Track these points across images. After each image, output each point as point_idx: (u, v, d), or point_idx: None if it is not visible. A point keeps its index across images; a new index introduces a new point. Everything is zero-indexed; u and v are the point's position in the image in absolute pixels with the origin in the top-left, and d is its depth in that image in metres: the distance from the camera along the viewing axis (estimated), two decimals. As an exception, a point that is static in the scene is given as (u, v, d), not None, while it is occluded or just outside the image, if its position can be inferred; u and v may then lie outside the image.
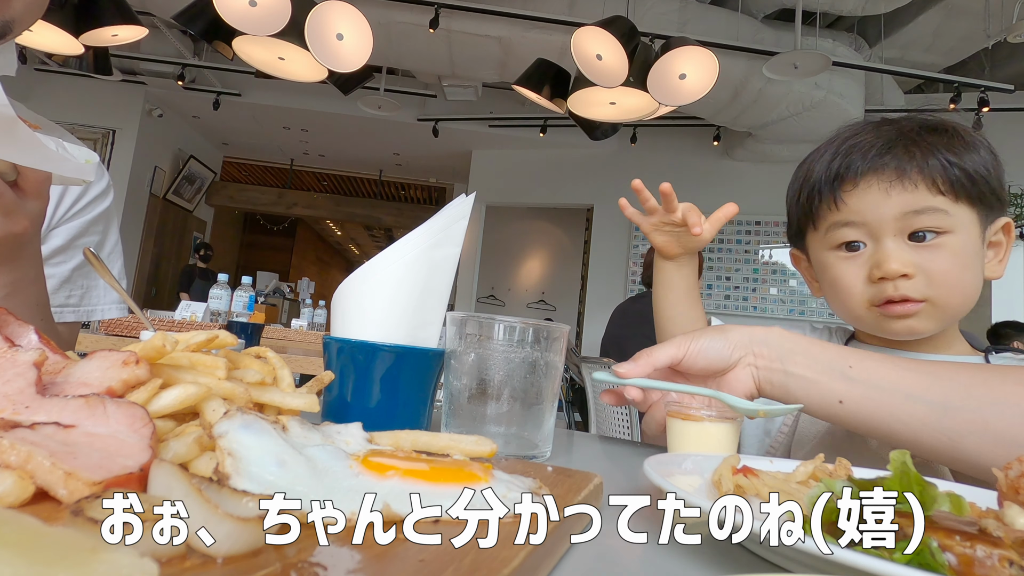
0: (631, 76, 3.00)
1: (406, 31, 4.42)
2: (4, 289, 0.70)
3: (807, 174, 0.82)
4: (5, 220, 0.62)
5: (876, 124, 0.80)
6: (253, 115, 7.01)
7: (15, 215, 0.63)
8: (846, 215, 0.77)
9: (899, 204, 0.74)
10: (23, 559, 0.18)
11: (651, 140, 6.32)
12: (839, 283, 0.80)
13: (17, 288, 0.71)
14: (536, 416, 0.59)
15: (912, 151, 0.74)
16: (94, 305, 1.01)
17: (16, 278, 0.71)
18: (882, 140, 0.76)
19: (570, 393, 3.56)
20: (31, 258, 0.73)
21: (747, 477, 0.46)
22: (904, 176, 0.74)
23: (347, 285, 0.60)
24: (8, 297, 0.71)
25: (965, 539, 0.29)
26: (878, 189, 0.75)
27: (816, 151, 0.84)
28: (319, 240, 13.61)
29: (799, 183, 0.84)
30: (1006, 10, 3.90)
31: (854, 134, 0.80)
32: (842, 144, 0.79)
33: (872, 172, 0.75)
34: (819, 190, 0.79)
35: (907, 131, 0.76)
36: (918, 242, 0.74)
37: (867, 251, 0.77)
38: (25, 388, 0.34)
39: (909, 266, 0.74)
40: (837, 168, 0.78)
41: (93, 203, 1.00)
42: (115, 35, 3.20)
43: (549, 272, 8.10)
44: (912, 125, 0.77)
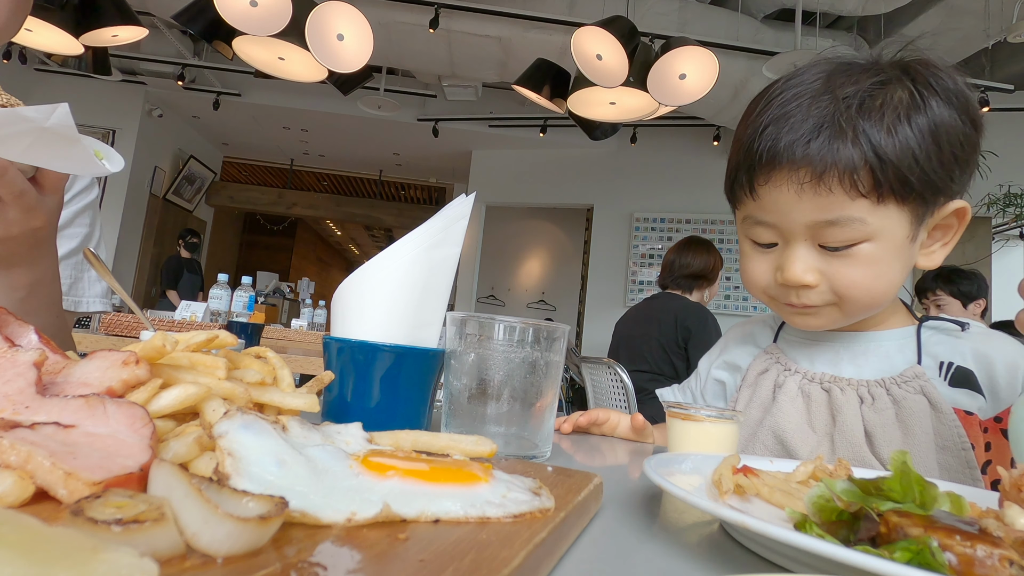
0: (631, 76, 3.00)
1: (406, 31, 4.42)
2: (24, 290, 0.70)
3: (737, 141, 0.74)
4: (25, 216, 0.63)
5: (819, 88, 0.69)
6: (253, 115, 7.01)
7: (35, 211, 0.63)
8: (759, 212, 0.72)
9: (810, 211, 0.67)
10: (23, 559, 0.18)
11: (651, 140, 6.32)
12: (747, 273, 0.78)
13: (36, 289, 0.72)
14: (536, 416, 0.59)
15: (840, 138, 0.65)
16: (80, 296, 1.01)
17: (36, 279, 0.71)
18: (812, 119, 0.66)
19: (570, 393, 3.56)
20: (49, 257, 0.73)
21: (747, 477, 0.46)
22: (820, 179, 0.65)
23: (347, 285, 0.60)
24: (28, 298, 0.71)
25: (965, 539, 0.29)
26: (788, 189, 0.67)
27: (761, 98, 0.74)
28: (319, 240, 13.61)
29: (736, 149, 0.75)
30: (1006, 10, 3.90)
31: (793, 98, 0.69)
32: (778, 110, 0.69)
33: (788, 166, 0.67)
34: (738, 172, 0.73)
35: (844, 107, 0.66)
36: (831, 251, 0.69)
37: (778, 250, 0.73)
38: (25, 388, 0.34)
39: (813, 275, 0.70)
40: (758, 149, 0.69)
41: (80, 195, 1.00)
42: (115, 35, 3.20)
43: (549, 272, 8.10)
44: (853, 95, 0.66)
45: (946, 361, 0.75)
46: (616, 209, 6.56)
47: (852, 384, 0.76)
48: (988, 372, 0.73)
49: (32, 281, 0.70)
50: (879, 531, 0.32)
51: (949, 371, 0.74)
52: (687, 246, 2.73)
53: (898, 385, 0.74)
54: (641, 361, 2.67)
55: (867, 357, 0.79)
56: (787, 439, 0.77)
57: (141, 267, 6.90)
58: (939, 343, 0.77)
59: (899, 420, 0.72)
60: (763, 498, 0.45)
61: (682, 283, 2.71)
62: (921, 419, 0.71)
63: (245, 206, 8.77)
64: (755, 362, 0.88)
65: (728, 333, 1.01)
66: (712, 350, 1.01)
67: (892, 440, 0.72)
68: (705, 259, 2.69)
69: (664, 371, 2.62)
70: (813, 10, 4.16)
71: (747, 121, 0.74)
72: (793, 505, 0.42)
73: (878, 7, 4.19)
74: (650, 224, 6.40)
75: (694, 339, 2.56)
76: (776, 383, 0.82)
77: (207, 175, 7.95)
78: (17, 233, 0.63)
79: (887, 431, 0.72)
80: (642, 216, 6.43)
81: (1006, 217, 5.14)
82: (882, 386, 0.75)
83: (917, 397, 0.72)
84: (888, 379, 0.75)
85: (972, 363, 0.74)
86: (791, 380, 0.81)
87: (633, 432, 0.90)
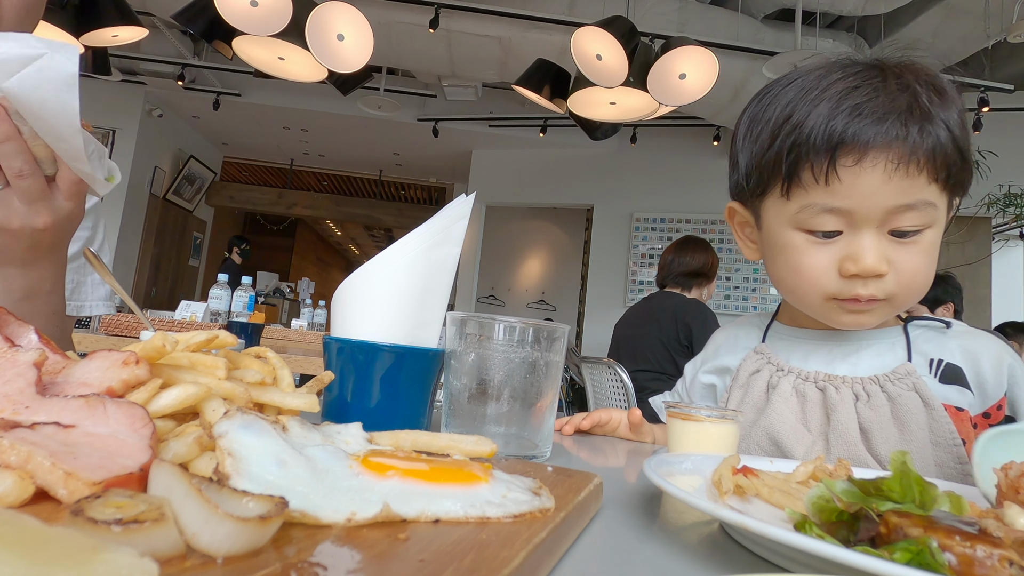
0: (631, 76, 3.00)
1: (406, 31, 4.42)
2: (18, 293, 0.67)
3: (796, 125, 0.68)
4: (27, 210, 0.59)
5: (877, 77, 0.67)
6: (253, 115, 7.00)
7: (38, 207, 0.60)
8: (833, 198, 0.67)
9: (894, 194, 0.65)
10: (23, 559, 0.18)
11: (651, 140, 6.32)
12: (802, 270, 0.72)
13: (31, 295, 0.68)
14: (536, 416, 0.59)
15: (928, 121, 0.64)
16: (83, 300, 1.00)
17: (31, 285, 0.68)
18: (890, 100, 0.65)
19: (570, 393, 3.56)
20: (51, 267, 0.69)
21: (747, 477, 0.46)
22: (912, 158, 0.64)
23: (347, 285, 0.60)
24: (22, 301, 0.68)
25: (965, 539, 0.29)
26: (876, 171, 0.64)
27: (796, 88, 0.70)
28: (319, 240, 13.61)
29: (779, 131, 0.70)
30: (1006, 10, 3.90)
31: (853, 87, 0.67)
32: (841, 97, 0.66)
33: (882, 147, 0.64)
34: (811, 152, 0.67)
35: (924, 91, 0.65)
36: (899, 237, 0.68)
37: (842, 240, 0.69)
38: (25, 388, 0.34)
39: (886, 264, 0.67)
40: (840, 131, 0.65)
41: None
42: (115, 35, 3.20)
43: (549, 272, 8.09)
44: (918, 79, 0.66)
45: (935, 358, 0.75)
46: (616, 209, 6.56)
47: (847, 382, 0.76)
48: (975, 368, 0.74)
49: (28, 286, 0.67)
50: (879, 531, 0.32)
51: (939, 368, 0.75)
52: (684, 245, 2.76)
53: (891, 382, 0.74)
54: (643, 360, 2.67)
55: (860, 355, 0.79)
56: (781, 439, 0.77)
57: (141, 267, 6.90)
58: (927, 341, 0.78)
59: (894, 417, 0.72)
60: (763, 498, 0.45)
61: (680, 281, 2.73)
62: (916, 415, 0.71)
63: (245, 206, 8.77)
64: (745, 362, 0.87)
65: (713, 337, 0.99)
66: (697, 356, 1.00)
67: (888, 437, 0.72)
68: (703, 257, 2.71)
69: (667, 370, 2.63)
70: (813, 10, 4.16)
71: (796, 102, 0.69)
72: (793, 505, 0.42)
73: (878, 7, 4.19)
74: (650, 224, 6.39)
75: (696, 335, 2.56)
76: (769, 384, 0.82)
77: (207, 175, 7.94)
78: (17, 226, 0.60)
79: (883, 428, 0.72)
80: (642, 216, 6.43)
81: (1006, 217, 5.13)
82: (876, 383, 0.75)
83: (910, 394, 0.72)
84: (882, 376, 0.75)
85: (960, 359, 0.75)
86: (785, 380, 0.80)
87: (630, 428, 0.90)
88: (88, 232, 1.01)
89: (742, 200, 0.81)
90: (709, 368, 0.94)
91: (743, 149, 0.76)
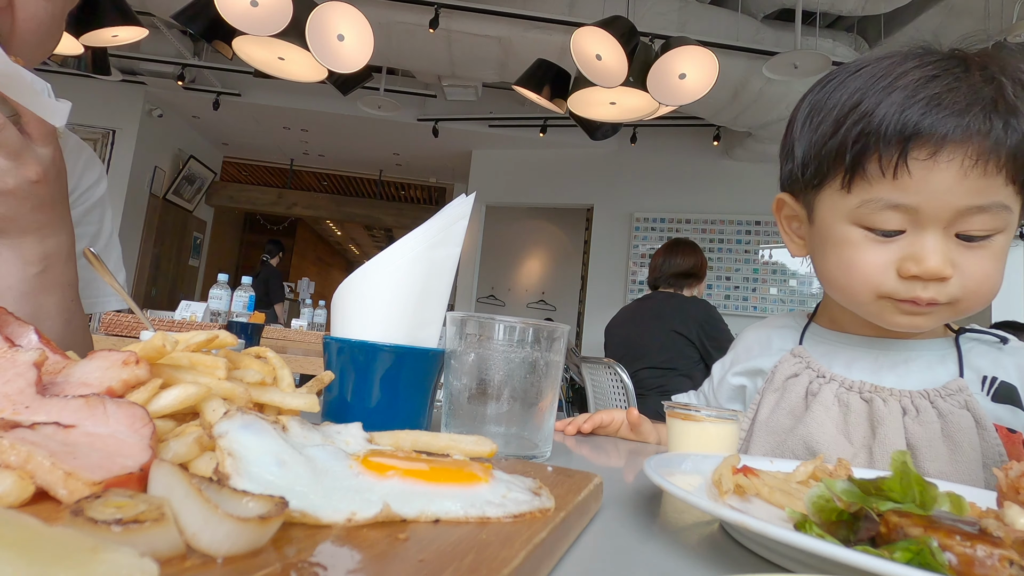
0: (631, 76, 3.00)
1: (406, 31, 4.42)
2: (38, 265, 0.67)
3: (865, 114, 0.63)
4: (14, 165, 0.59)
5: (959, 67, 0.62)
6: (253, 115, 7.00)
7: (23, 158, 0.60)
8: (900, 193, 0.62)
9: (967, 194, 0.60)
10: (23, 559, 0.18)
11: (651, 140, 6.31)
12: (856, 267, 0.67)
13: (51, 264, 0.68)
14: (536, 416, 0.59)
15: (1013, 116, 0.59)
16: (96, 296, 0.98)
17: (50, 251, 0.67)
18: (973, 92, 0.60)
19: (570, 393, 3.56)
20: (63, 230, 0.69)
21: (747, 477, 0.46)
22: (992, 155, 0.59)
23: (347, 285, 0.60)
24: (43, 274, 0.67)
25: (965, 539, 0.29)
26: (958, 168, 0.59)
27: (865, 76, 0.65)
28: (319, 240, 13.61)
29: (844, 119, 0.65)
30: (1006, 10, 3.90)
31: (931, 76, 0.61)
32: (918, 86, 0.61)
33: (960, 141, 0.59)
34: (880, 143, 0.61)
35: (1002, 84, 0.60)
36: (966, 240, 0.63)
37: (904, 239, 0.64)
38: (25, 388, 0.34)
39: (951, 267, 0.63)
40: (915, 121, 0.60)
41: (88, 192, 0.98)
42: (115, 36, 3.20)
43: (549, 272, 8.09)
44: (1004, 71, 0.61)
45: (989, 375, 0.71)
46: (616, 209, 6.56)
47: (894, 395, 0.71)
48: None
49: (45, 254, 0.67)
50: (879, 531, 0.32)
51: (992, 386, 0.70)
52: (674, 247, 2.85)
53: (942, 398, 0.69)
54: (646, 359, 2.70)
55: (908, 367, 0.74)
56: (820, 449, 0.72)
57: (141, 267, 6.90)
58: (981, 356, 0.73)
59: (945, 435, 0.68)
60: (763, 498, 0.45)
61: (672, 282, 2.80)
62: (968, 435, 0.67)
63: (245, 206, 8.77)
64: (781, 365, 0.81)
65: (742, 337, 0.94)
66: (726, 356, 0.96)
67: (938, 455, 0.68)
68: (693, 258, 2.80)
69: (676, 366, 2.65)
70: (813, 10, 4.16)
71: (866, 90, 0.64)
72: (793, 505, 0.42)
73: (878, 7, 4.19)
74: (650, 224, 6.39)
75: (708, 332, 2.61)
76: (809, 390, 0.77)
77: (207, 175, 7.94)
78: (12, 186, 0.60)
79: (933, 446, 0.68)
80: (642, 216, 6.43)
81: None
82: (926, 398, 0.70)
83: (962, 412, 0.68)
84: (932, 391, 0.70)
85: (1016, 379, 0.71)
86: (827, 388, 0.75)
87: (630, 428, 0.89)
88: (95, 227, 1.00)
89: (793, 192, 0.76)
90: (740, 369, 0.90)
91: (800, 137, 0.71)
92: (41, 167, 0.62)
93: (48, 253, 0.68)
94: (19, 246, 0.66)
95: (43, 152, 0.62)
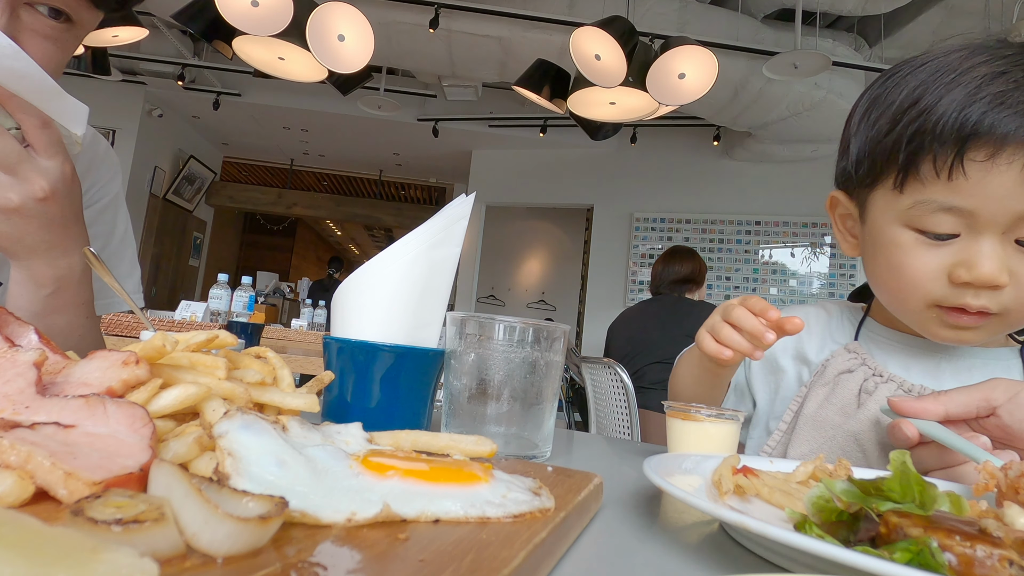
0: (630, 76, 3.00)
1: (406, 31, 4.42)
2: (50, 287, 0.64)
3: (924, 111, 0.60)
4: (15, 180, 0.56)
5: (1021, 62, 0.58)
6: (253, 115, 7.00)
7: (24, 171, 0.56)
8: (955, 196, 0.59)
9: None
10: (23, 559, 0.18)
11: (651, 140, 6.32)
12: (905, 271, 0.64)
13: (64, 285, 0.65)
14: (536, 416, 0.59)
15: None
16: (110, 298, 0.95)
17: (60, 274, 0.64)
18: None
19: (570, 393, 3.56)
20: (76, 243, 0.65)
21: (747, 477, 0.46)
22: None
23: (347, 285, 0.60)
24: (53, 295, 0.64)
25: (965, 539, 0.29)
26: (1020, 171, 0.56)
27: (930, 70, 0.61)
28: (319, 240, 13.61)
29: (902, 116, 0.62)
30: (1006, 10, 3.90)
31: (999, 72, 0.58)
32: (983, 82, 0.58)
33: (1023, 143, 0.56)
34: (936, 142, 0.58)
35: None
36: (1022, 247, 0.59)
37: (958, 243, 0.61)
38: (25, 388, 0.34)
39: (1006, 275, 0.59)
40: (975, 120, 0.57)
41: (101, 190, 0.94)
42: (115, 36, 3.20)
43: (549, 272, 8.10)
44: None
45: None
46: (616, 209, 6.56)
47: None
48: None
49: (57, 276, 0.64)
50: (879, 531, 0.32)
51: None
52: (672, 255, 2.94)
53: None
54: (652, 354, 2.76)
55: (971, 374, 0.71)
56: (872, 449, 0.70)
57: (141, 267, 6.91)
58: None
59: None
60: (763, 498, 0.45)
61: (674, 288, 2.89)
62: None
63: (245, 206, 8.77)
64: (834, 359, 0.78)
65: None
66: None
67: None
68: (691, 265, 2.89)
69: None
70: (813, 10, 4.16)
71: (928, 83, 0.61)
72: (793, 505, 0.42)
73: (878, 7, 4.19)
74: (650, 224, 6.40)
75: None
76: (864, 388, 0.74)
77: (207, 175, 7.94)
78: (17, 203, 0.57)
79: None
80: (642, 216, 6.43)
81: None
82: None
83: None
84: None
85: None
86: (884, 388, 0.72)
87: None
88: (108, 227, 0.96)
89: (848, 190, 0.73)
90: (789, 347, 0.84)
91: (857, 133, 0.68)
92: (47, 182, 0.58)
93: (60, 275, 0.64)
94: (29, 267, 0.62)
95: (49, 165, 0.58)
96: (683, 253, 2.95)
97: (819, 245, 5.80)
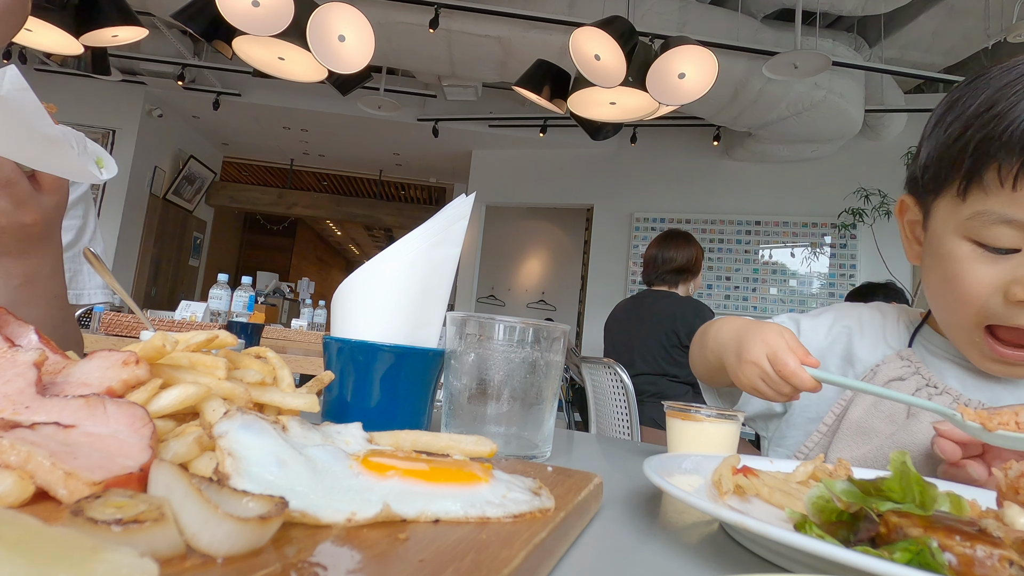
0: (630, 76, 3.00)
1: (406, 31, 4.42)
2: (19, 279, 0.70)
3: (995, 117, 0.57)
4: (15, 209, 0.62)
5: None
6: (253, 115, 7.00)
7: (26, 206, 0.63)
8: (1017, 209, 0.56)
9: None
10: (23, 559, 0.18)
11: (651, 140, 6.32)
12: (959, 284, 0.62)
13: (32, 279, 0.71)
14: (536, 416, 0.59)
15: None
16: (81, 289, 1.00)
17: (30, 271, 0.70)
18: None
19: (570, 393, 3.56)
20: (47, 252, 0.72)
21: (747, 477, 0.46)
22: None
23: (347, 285, 0.60)
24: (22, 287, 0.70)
25: (965, 539, 0.29)
26: None
27: (1015, 74, 0.58)
28: (319, 240, 13.61)
29: (973, 122, 0.59)
30: (1006, 10, 3.90)
31: None
32: None
33: None
34: (1002, 150, 0.56)
35: None
36: None
37: (1017, 258, 0.58)
38: (25, 388, 0.34)
39: None
40: None
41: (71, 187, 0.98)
42: (115, 36, 3.20)
43: (549, 272, 8.10)
44: None
45: None
46: (616, 209, 6.56)
47: None
48: None
49: (27, 272, 0.70)
50: (879, 531, 0.32)
51: None
52: (668, 240, 2.74)
53: None
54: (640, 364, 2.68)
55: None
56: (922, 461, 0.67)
57: (141, 267, 6.90)
58: None
59: None
60: (763, 498, 0.45)
61: (667, 278, 2.73)
62: None
63: (245, 206, 8.77)
64: (885, 365, 0.74)
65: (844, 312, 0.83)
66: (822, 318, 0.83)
67: None
68: (688, 252, 2.70)
69: (667, 371, 2.63)
70: (813, 10, 4.16)
71: (1007, 88, 0.58)
72: (793, 505, 0.42)
73: (878, 7, 4.19)
74: (650, 224, 6.40)
75: None
76: None
77: (207, 175, 7.94)
78: (5, 224, 0.63)
79: None
80: (642, 216, 6.43)
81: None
82: None
83: None
84: None
85: None
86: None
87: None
88: (80, 220, 1.01)
89: (916, 195, 0.70)
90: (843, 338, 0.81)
91: (929, 137, 0.66)
92: (40, 213, 0.64)
93: (30, 271, 0.70)
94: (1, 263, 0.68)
95: (47, 200, 0.65)
96: (679, 237, 2.73)
97: (819, 245, 5.80)
